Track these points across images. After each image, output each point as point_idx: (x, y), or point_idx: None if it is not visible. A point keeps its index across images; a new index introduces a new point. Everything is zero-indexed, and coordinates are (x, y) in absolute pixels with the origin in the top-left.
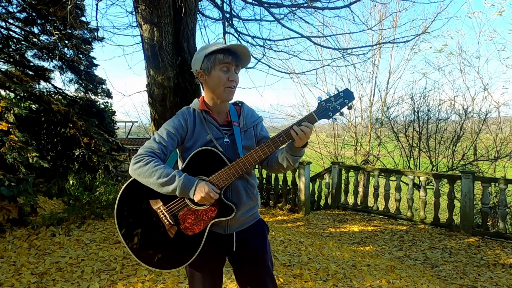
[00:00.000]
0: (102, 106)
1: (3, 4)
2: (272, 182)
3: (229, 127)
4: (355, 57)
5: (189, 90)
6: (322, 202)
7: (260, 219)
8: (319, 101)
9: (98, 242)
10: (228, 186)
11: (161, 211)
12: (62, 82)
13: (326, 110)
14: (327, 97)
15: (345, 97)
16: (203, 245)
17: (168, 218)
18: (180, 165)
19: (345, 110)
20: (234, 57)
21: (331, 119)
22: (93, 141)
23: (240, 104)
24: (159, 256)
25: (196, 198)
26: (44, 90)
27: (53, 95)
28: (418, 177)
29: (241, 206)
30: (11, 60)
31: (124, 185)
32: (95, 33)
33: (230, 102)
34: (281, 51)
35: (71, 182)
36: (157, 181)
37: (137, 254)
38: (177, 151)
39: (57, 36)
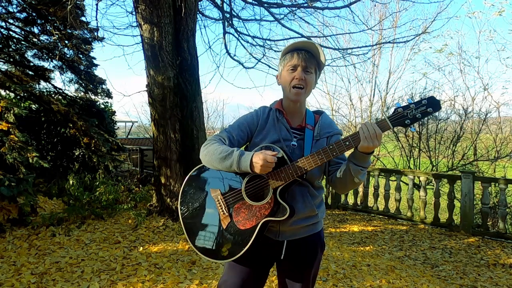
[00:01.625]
0: (102, 106)
1: (3, 4)
2: None
3: (301, 131)
4: (355, 57)
5: (189, 90)
6: None
7: (317, 233)
8: (396, 107)
9: (98, 242)
10: (285, 187)
11: (218, 200)
12: (62, 82)
13: (403, 118)
14: (407, 103)
15: (428, 106)
16: (253, 243)
17: (223, 208)
18: None
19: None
20: (304, 56)
21: (408, 127)
22: (93, 141)
23: (320, 114)
24: (209, 244)
25: (255, 167)
26: (44, 90)
27: (53, 95)
28: (418, 177)
29: (295, 213)
30: (11, 60)
31: (189, 174)
32: (95, 33)
33: (311, 110)
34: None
35: (71, 182)
36: (218, 156)
37: (191, 237)
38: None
39: (57, 36)
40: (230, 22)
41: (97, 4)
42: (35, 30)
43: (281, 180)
